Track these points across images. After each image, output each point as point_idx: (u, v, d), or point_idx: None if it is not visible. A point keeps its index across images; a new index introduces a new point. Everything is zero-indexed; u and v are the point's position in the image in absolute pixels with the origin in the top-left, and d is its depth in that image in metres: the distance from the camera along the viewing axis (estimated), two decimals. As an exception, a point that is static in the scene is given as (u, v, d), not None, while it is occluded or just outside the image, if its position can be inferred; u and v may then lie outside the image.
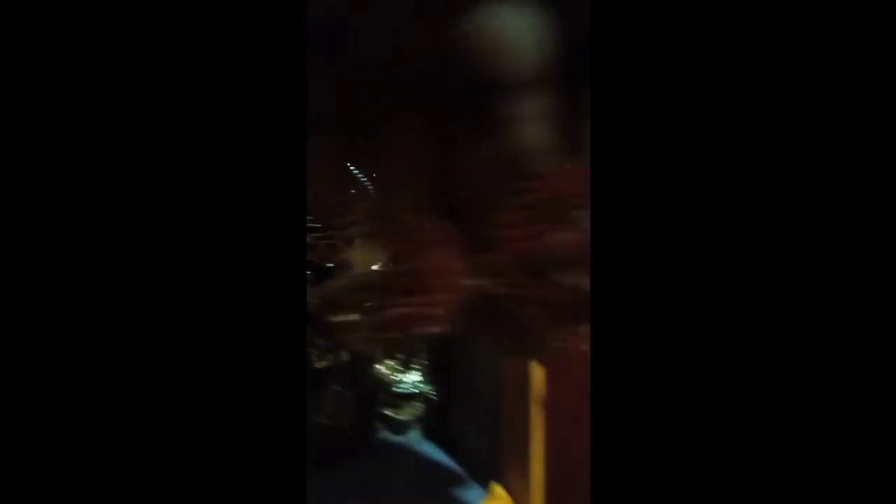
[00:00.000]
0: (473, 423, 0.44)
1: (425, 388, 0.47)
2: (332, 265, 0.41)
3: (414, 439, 0.48)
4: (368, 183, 0.33)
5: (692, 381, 0.19)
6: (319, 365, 0.44)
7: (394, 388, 0.46)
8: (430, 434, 0.48)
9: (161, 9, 0.19)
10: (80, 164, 0.18)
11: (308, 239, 0.41)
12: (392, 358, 0.46)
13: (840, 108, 0.18)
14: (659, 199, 0.19)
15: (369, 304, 0.22)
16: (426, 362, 0.47)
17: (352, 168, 0.23)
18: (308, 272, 0.41)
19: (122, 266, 0.19)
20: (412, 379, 0.47)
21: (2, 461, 0.18)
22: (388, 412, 0.47)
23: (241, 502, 0.19)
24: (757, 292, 0.19)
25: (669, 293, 0.19)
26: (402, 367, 0.47)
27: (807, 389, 0.18)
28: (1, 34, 0.18)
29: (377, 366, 0.46)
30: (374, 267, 0.22)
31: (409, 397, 0.47)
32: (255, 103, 0.19)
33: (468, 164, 0.20)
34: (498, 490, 0.38)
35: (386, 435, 0.48)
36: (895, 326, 0.18)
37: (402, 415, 0.47)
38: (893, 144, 0.18)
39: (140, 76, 0.19)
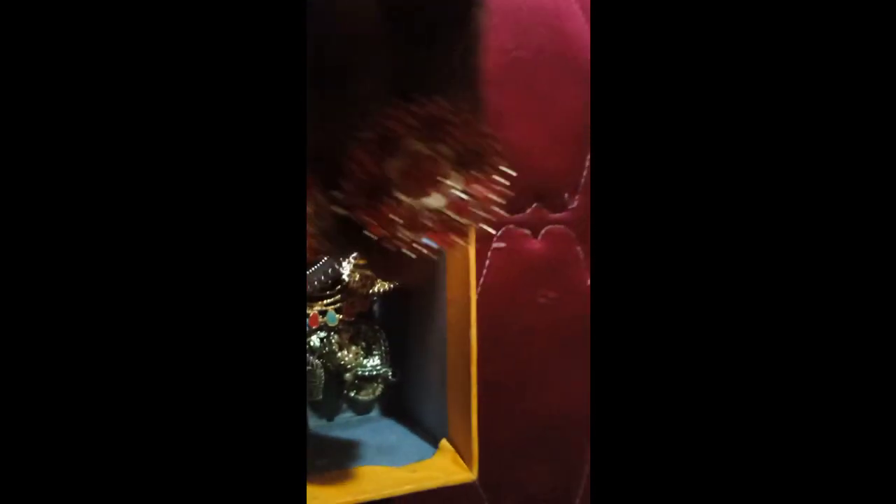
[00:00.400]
0: (427, 398, 0.51)
1: (384, 371, 0.53)
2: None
3: (374, 417, 0.55)
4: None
5: (692, 380, 0.19)
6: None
7: (357, 372, 0.53)
8: (389, 411, 0.55)
9: None
10: (64, 147, 0.18)
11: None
12: (355, 344, 0.53)
13: (838, 86, 0.18)
14: (660, 193, 0.19)
15: None
16: (385, 348, 0.54)
17: None
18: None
19: (117, 244, 0.18)
20: (372, 363, 0.53)
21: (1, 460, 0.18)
22: (351, 394, 0.53)
23: (243, 473, 0.19)
24: (759, 293, 0.19)
25: (669, 291, 0.19)
26: (364, 352, 0.53)
27: (806, 387, 0.19)
28: None
29: (343, 351, 0.52)
30: None
31: (369, 379, 0.53)
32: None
33: (324, 109, 0.22)
34: (445, 444, 0.45)
35: (349, 413, 0.54)
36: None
37: (364, 395, 0.54)
38: (894, 144, 0.18)
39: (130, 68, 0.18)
